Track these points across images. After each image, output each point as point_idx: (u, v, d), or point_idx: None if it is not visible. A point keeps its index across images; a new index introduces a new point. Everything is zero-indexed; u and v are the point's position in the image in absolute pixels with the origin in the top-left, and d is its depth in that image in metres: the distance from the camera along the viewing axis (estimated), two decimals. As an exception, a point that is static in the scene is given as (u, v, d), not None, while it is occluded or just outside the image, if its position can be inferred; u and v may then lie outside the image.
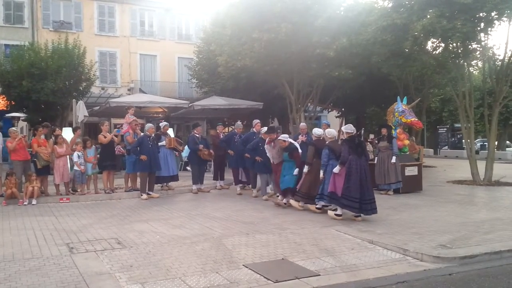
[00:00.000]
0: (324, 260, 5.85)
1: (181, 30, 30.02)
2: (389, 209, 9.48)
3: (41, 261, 5.77)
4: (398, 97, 12.92)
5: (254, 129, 12.01)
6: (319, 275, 5.28)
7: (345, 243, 6.69)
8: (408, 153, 12.59)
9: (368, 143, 20.48)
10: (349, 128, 8.59)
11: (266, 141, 10.19)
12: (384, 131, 11.88)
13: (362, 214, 8.24)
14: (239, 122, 13.33)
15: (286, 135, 9.99)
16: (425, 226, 7.69)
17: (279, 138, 9.76)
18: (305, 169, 9.14)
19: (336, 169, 8.29)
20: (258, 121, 12.27)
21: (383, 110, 20.03)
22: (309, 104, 20.46)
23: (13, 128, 11.52)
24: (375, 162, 11.84)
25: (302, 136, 11.52)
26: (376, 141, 13.62)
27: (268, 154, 10.15)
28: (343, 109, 25.59)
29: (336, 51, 15.16)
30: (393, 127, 12.34)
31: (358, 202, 8.03)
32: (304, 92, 18.81)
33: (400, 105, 12.39)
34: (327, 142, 8.93)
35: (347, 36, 15.27)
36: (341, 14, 16.36)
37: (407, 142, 12.52)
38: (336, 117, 27.10)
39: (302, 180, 9.28)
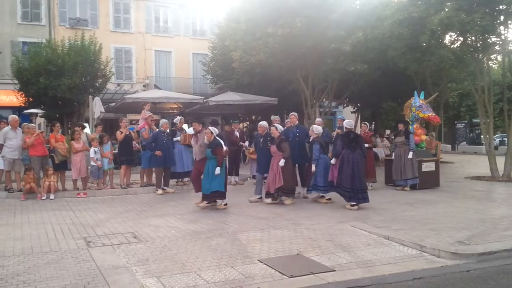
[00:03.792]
0: (339, 255, 5.82)
1: (195, 26, 30.05)
2: (406, 205, 9.40)
3: (59, 255, 5.85)
4: (415, 91, 12.76)
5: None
6: (334, 270, 5.25)
7: (360, 239, 6.64)
8: (425, 148, 12.44)
9: (384, 138, 20.40)
10: (348, 124, 9.47)
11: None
12: (401, 126, 11.77)
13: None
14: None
15: (216, 129, 9.29)
16: (442, 222, 7.60)
17: (207, 129, 9.05)
18: (333, 161, 9.41)
19: (332, 161, 9.32)
20: (276, 117, 11.91)
21: (400, 105, 19.84)
22: (324, 99, 20.32)
23: (31, 124, 11.67)
24: (392, 157, 11.75)
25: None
26: (393, 137, 13.52)
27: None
28: (358, 104, 25.37)
29: (352, 45, 15.01)
30: (410, 122, 12.20)
31: (349, 191, 8.91)
32: (319, 87, 18.70)
33: (417, 100, 12.24)
34: (314, 138, 9.60)
35: (362, 30, 15.11)
36: (357, 8, 16.20)
37: (424, 137, 12.39)
38: (352, 112, 26.87)
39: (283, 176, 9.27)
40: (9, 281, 4.87)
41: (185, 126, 13.55)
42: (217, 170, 8.62)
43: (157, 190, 11.20)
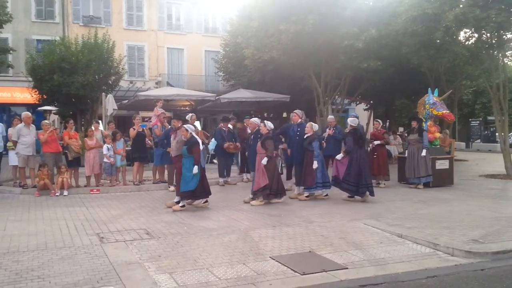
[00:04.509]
0: (352, 253, 5.79)
1: (207, 23, 30.11)
2: (419, 203, 9.32)
3: (73, 250, 5.90)
4: (429, 89, 12.63)
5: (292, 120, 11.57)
6: (347, 268, 5.23)
7: (373, 237, 6.60)
8: (439, 146, 12.32)
9: (397, 136, 20.24)
10: (353, 122, 9.80)
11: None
12: (414, 123, 11.67)
13: (359, 196, 9.43)
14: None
15: (192, 127, 9.08)
16: (456, 221, 7.52)
17: (183, 126, 8.80)
18: (339, 156, 9.62)
19: (339, 156, 9.62)
20: (296, 112, 11.77)
21: (413, 102, 19.63)
22: (336, 96, 20.21)
23: (46, 121, 11.79)
24: (406, 155, 11.65)
25: (329, 129, 11.37)
26: (406, 134, 13.40)
27: None
28: (371, 102, 25.18)
29: (365, 42, 14.89)
30: (424, 120, 12.08)
31: (356, 186, 9.33)
32: (331, 84, 18.59)
33: (431, 97, 12.11)
34: (310, 135, 9.51)
35: (376, 27, 14.99)
36: (370, 5, 16.08)
37: (438, 135, 12.25)
38: (365, 109, 26.68)
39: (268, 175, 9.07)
40: (23, 276, 4.92)
41: (197, 123, 13.58)
42: (195, 169, 8.36)
43: (169, 187, 11.24)
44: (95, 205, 9.37)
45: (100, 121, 13.92)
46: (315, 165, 9.37)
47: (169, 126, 11.65)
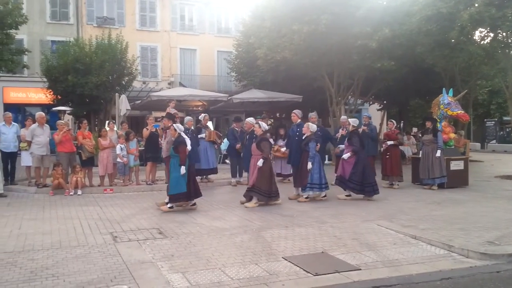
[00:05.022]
0: (365, 254, 5.75)
1: (220, 24, 30.17)
2: (433, 204, 9.22)
3: (87, 249, 5.94)
4: (444, 89, 12.50)
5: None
6: (360, 269, 5.19)
7: (387, 238, 6.54)
8: (453, 146, 12.18)
9: (411, 136, 20.08)
10: (354, 122, 10.12)
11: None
12: (428, 124, 11.55)
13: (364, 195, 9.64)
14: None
15: (181, 126, 8.87)
16: (471, 222, 7.42)
17: (172, 125, 8.70)
18: (346, 156, 9.72)
19: (345, 156, 9.75)
20: (313, 113, 11.35)
21: (427, 102, 19.47)
22: (349, 96, 20.12)
23: (61, 121, 11.92)
24: (420, 156, 11.54)
25: (342, 129, 11.32)
26: (420, 135, 13.28)
27: None
28: (385, 102, 25.03)
29: (378, 42, 14.81)
30: (438, 120, 11.96)
31: (361, 185, 9.55)
32: (344, 84, 18.52)
33: (446, 97, 11.99)
34: (308, 135, 9.44)
35: (389, 27, 14.89)
36: (383, 4, 15.99)
37: (452, 135, 12.13)
38: (378, 110, 26.53)
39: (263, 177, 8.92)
40: (38, 274, 4.97)
41: (209, 123, 13.62)
42: (182, 170, 8.18)
43: (182, 187, 11.25)
44: (108, 204, 9.44)
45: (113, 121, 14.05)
46: (309, 166, 9.26)
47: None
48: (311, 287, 4.69)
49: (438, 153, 11.02)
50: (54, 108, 20.43)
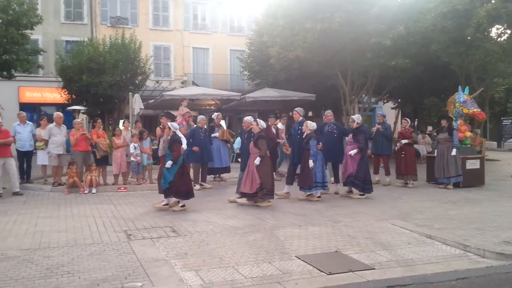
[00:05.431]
0: (379, 253, 5.70)
1: (233, 23, 30.18)
2: (448, 203, 9.12)
3: (101, 247, 5.99)
4: (460, 86, 12.34)
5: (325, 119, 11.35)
6: (374, 268, 5.15)
7: (401, 237, 6.48)
8: (469, 145, 12.03)
9: (426, 135, 19.87)
10: (358, 119, 10.21)
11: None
12: (444, 122, 11.43)
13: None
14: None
15: (175, 124, 8.85)
16: (487, 222, 7.32)
17: (167, 124, 8.74)
18: (353, 152, 9.72)
19: (352, 152, 9.73)
20: (329, 112, 11.32)
21: (443, 101, 19.25)
22: (363, 95, 19.98)
23: (77, 120, 12.03)
24: (435, 154, 11.42)
25: (378, 124, 11.31)
26: (435, 133, 13.15)
27: None
28: (399, 100, 24.80)
29: (393, 39, 14.67)
30: (454, 118, 11.81)
31: (363, 182, 9.67)
32: (358, 82, 18.39)
33: (462, 95, 11.84)
34: (308, 133, 9.36)
35: (404, 24, 14.74)
36: (398, 1, 15.84)
37: (468, 134, 11.96)
38: (392, 108, 26.30)
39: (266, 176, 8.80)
40: (54, 271, 5.02)
41: (222, 122, 13.63)
42: (168, 164, 8.23)
43: (194, 186, 11.29)
44: (122, 202, 9.51)
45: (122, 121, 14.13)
46: (310, 164, 9.16)
47: (195, 125, 11.75)
48: (325, 286, 4.66)
49: (454, 152, 10.90)
50: (68, 108, 20.64)
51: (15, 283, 4.69)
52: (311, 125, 9.47)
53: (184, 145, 8.56)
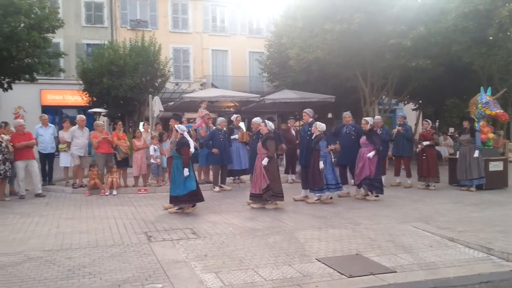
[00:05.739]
0: (400, 256, 5.63)
1: (252, 25, 30.23)
2: (471, 206, 8.96)
3: (122, 248, 6.05)
4: (482, 87, 12.13)
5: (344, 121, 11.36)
6: (396, 272, 5.09)
7: (423, 240, 6.39)
8: (492, 147, 11.80)
9: (448, 136, 19.58)
10: (371, 121, 10.22)
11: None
12: (466, 123, 11.24)
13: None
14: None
15: (183, 127, 8.85)
16: (511, 224, 7.16)
17: (174, 126, 8.77)
18: (371, 154, 9.58)
19: (370, 154, 9.58)
20: (347, 113, 11.11)
21: (465, 102, 18.95)
22: (383, 96, 19.78)
23: (99, 122, 12.19)
24: (457, 156, 11.24)
25: (399, 126, 11.21)
26: (457, 135, 12.95)
27: None
28: (420, 101, 24.48)
29: (413, 40, 14.50)
30: (476, 120, 11.61)
31: (380, 183, 9.81)
32: (378, 83, 18.22)
33: (484, 96, 11.63)
34: (317, 135, 9.22)
35: (424, 24, 14.56)
36: (418, 1, 15.67)
37: (491, 135, 11.76)
38: (413, 109, 25.97)
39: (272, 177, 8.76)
40: (75, 272, 5.09)
41: (241, 124, 13.65)
42: (185, 172, 8.13)
43: (214, 188, 11.34)
44: (142, 204, 9.59)
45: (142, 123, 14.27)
46: (321, 165, 9.03)
47: (214, 127, 11.80)
48: (346, 290, 4.63)
49: (476, 154, 10.72)
50: (89, 110, 20.89)
51: (37, 284, 4.76)
52: (320, 126, 9.35)
53: (192, 149, 8.50)
